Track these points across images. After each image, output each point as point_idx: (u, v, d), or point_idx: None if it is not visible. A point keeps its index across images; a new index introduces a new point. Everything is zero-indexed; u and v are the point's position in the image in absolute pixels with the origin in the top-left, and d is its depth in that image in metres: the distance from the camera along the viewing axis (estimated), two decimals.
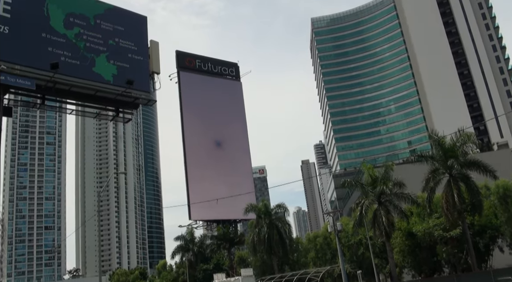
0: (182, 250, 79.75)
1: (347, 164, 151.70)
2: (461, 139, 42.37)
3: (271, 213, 66.22)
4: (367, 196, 48.00)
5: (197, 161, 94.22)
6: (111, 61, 32.19)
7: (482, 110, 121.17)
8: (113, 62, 32.07)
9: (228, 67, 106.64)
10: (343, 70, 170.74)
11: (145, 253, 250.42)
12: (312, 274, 55.76)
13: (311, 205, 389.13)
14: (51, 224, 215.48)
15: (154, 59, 34.75)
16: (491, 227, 44.80)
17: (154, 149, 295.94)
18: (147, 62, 34.12)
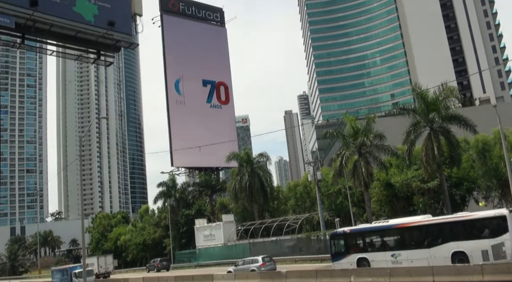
0: (164, 196, 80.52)
1: (330, 115, 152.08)
2: (443, 93, 42.61)
3: (253, 162, 66.91)
4: (348, 147, 48.58)
5: (180, 107, 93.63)
6: (92, 0, 31.17)
7: (467, 65, 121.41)
8: (94, 1, 31.00)
9: (213, 12, 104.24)
10: (330, 19, 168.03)
11: (127, 198, 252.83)
12: (292, 221, 57.06)
13: (293, 155, 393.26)
14: (32, 167, 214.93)
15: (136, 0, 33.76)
16: (468, 180, 45.96)
17: (137, 95, 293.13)
18: (129, 3, 33.08)
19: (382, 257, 30.99)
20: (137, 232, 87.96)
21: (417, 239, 30.52)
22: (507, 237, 25.43)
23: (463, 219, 28.53)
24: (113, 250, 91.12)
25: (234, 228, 64.17)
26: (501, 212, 26.99)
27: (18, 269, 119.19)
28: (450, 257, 27.59)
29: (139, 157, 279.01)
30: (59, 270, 57.21)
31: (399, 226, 31.56)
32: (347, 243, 34.10)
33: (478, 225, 27.98)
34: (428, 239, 29.44)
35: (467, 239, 27.37)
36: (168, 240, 75.31)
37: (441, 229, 29.51)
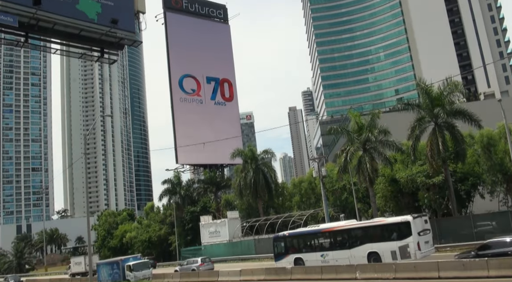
0: (169, 193, 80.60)
1: (334, 111, 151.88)
2: (448, 88, 42.41)
3: (257, 158, 66.91)
4: (352, 142, 48.46)
5: (184, 105, 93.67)
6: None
7: (471, 59, 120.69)
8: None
9: (216, 9, 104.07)
10: (334, 15, 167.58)
11: (132, 196, 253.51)
12: (296, 217, 57.08)
13: (297, 152, 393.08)
14: (38, 166, 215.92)
15: None
16: (473, 175, 45.74)
17: (141, 92, 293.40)
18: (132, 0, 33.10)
19: (313, 257, 35.46)
20: (143, 229, 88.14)
21: (341, 241, 34.76)
22: (411, 239, 30.10)
23: (376, 224, 33.39)
24: (119, 247, 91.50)
25: (239, 225, 64.27)
26: (406, 218, 31.46)
27: (24, 267, 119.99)
28: (366, 257, 31.99)
29: (144, 154, 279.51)
30: (107, 263, 48.53)
31: (326, 230, 36.12)
32: (286, 245, 38.65)
33: (388, 229, 32.49)
34: (349, 241, 33.84)
35: (380, 241, 31.89)
36: (173, 237, 75.47)
37: (359, 232, 33.99)
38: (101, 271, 46.84)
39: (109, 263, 46.89)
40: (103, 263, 49.42)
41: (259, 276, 34.18)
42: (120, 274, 42.72)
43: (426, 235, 31.61)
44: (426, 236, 31.54)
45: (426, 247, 30.77)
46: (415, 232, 30.40)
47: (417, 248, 29.96)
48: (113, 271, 44.08)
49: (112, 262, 46.24)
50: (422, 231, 31.26)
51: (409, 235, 30.37)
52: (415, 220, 31.00)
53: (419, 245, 30.09)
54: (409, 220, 31.00)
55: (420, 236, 30.79)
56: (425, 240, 31.15)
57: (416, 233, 30.42)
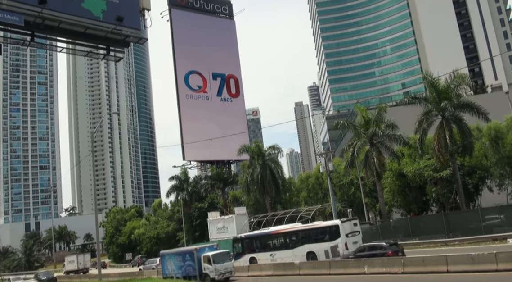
0: (176, 189, 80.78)
1: (341, 105, 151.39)
2: (455, 81, 42.20)
3: (264, 154, 66.86)
4: (359, 137, 48.39)
5: (190, 101, 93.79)
6: None
7: (478, 51, 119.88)
8: None
9: (221, 5, 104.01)
10: (339, 9, 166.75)
11: (140, 192, 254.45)
12: (304, 212, 57.01)
13: (304, 147, 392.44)
14: (46, 164, 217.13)
15: None
16: (481, 168, 45.59)
17: (147, 90, 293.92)
18: None
19: (264, 256, 39.99)
20: (151, 226, 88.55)
21: (285, 242, 39.54)
22: (340, 240, 34.72)
23: (312, 227, 38.31)
24: (127, 244, 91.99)
25: (247, 220, 64.28)
26: (335, 222, 36.62)
27: (33, 264, 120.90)
28: (306, 255, 36.62)
29: (151, 151, 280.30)
30: (175, 253, 39.17)
31: (274, 232, 41.19)
32: (243, 245, 43.51)
33: (322, 232, 37.15)
34: (292, 242, 38.72)
35: (315, 242, 36.54)
36: (181, 233, 75.72)
37: (299, 235, 38.64)
38: (167, 263, 38.73)
39: (179, 254, 38.40)
40: (170, 253, 40.02)
41: (267, 272, 34.27)
42: (195, 267, 34.86)
43: (354, 236, 35.94)
44: (354, 237, 35.84)
45: (355, 247, 33.94)
46: (343, 234, 34.97)
47: (345, 248, 34.24)
48: (184, 263, 36.44)
49: (183, 252, 38.18)
50: (350, 233, 35.74)
51: (338, 237, 34.96)
52: (343, 224, 35.67)
53: (347, 245, 34.45)
54: (338, 223, 35.85)
55: (348, 237, 35.23)
56: (353, 241, 35.39)
57: (344, 235, 34.97)
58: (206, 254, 34.71)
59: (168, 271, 38.10)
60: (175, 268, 37.30)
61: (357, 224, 37.50)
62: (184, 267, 36.32)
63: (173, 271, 37.41)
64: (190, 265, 35.63)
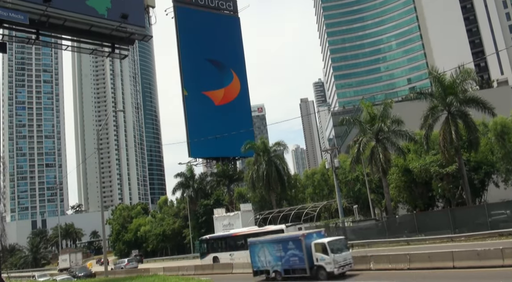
0: (182, 186, 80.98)
1: (346, 101, 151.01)
2: (461, 76, 41.96)
3: (269, 151, 66.88)
4: (365, 133, 48.28)
5: (195, 98, 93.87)
6: None
7: (484, 46, 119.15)
8: None
9: (226, 1, 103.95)
10: (344, 4, 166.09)
11: (146, 190, 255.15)
12: (310, 209, 57.09)
13: (310, 143, 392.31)
14: (51, 162, 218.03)
15: None
16: (487, 163, 45.41)
17: (152, 87, 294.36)
18: None
19: (225, 256, 44.18)
20: (157, 223, 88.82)
21: (241, 243, 42.23)
22: None
23: (262, 231, 41.50)
24: (134, 241, 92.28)
25: (252, 217, 64.26)
26: (281, 226, 41.02)
27: (40, 261, 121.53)
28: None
29: (157, 149, 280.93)
30: (274, 241, 30.91)
31: (233, 235, 45.71)
32: (207, 246, 47.98)
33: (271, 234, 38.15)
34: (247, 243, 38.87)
35: None
36: (187, 230, 75.94)
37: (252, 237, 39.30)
38: (260, 252, 31.21)
39: (277, 241, 30.50)
40: (263, 241, 31.95)
41: None
42: (304, 258, 27.68)
43: None
44: None
45: None
46: None
47: None
48: (285, 252, 29.16)
49: (284, 239, 30.29)
50: None
51: None
52: (288, 228, 40.28)
53: None
54: (283, 228, 40.35)
55: None
56: None
57: None
58: (319, 241, 27.80)
59: (262, 263, 30.87)
60: (272, 259, 30.11)
61: (301, 229, 41.36)
62: (285, 258, 29.08)
63: (269, 263, 30.29)
64: (295, 256, 28.52)
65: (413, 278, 23.71)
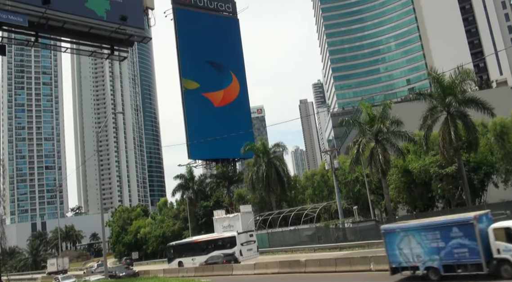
0: (182, 188, 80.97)
1: (345, 103, 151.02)
2: (460, 76, 42.00)
3: (269, 152, 66.88)
4: (364, 134, 48.27)
5: (195, 100, 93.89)
6: None
7: (483, 46, 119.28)
8: None
9: (225, 3, 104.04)
10: (343, 5, 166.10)
11: (146, 191, 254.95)
12: (309, 210, 57.05)
13: (309, 145, 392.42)
14: (51, 164, 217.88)
15: None
16: (486, 164, 45.41)
17: (152, 89, 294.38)
18: None
19: (188, 260, 48.86)
20: (157, 225, 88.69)
21: (201, 249, 48.44)
22: (236, 248, 44.43)
23: (218, 237, 48.61)
24: (133, 243, 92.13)
25: (252, 219, 64.34)
26: (233, 233, 46.60)
27: (40, 264, 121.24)
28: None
29: (156, 150, 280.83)
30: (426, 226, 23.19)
31: (194, 241, 52.23)
32: (174, 251, 53.00)
33: (225, 241, 46.54)
34: (206, 249, 47.78)
35: (221, 248, 45.75)
36: (187, 231, 75.86)
37: (210, 243, 48.34)
38: (403, 243, 23.54)
39: (431, 227, 22.70)
40: (409, 227, 23.87)
41: (273, 269, 34.33)
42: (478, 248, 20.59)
43: (249, 245, 46.05)
44: (249, 245, 45.93)
45: (249, 253, 45.00)
46: (239, 243, 44.79)
47: (239, 254, 43.96)
48: (446, 242, 21.73)
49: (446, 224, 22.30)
50: (245, 242, 45.59)
51: (235, 245, 44.67)
52: (239, 235, 45.52)
53: (241, 252, 44.43)
54: (235, 235, 45.59)
55: (243, 246, 45.02)
56: (248, 248, 45.46)
57: (239, 244, 44.79)
58: (503, 225, 21.00)
59: (405, 257, 23.39)
60: (423, 252, 22.64)
61: (253, 235, 47.70)
62: (446, 250, 21.86)
63: (418, 257, 22.90)
64: (463, 246, 21.33)
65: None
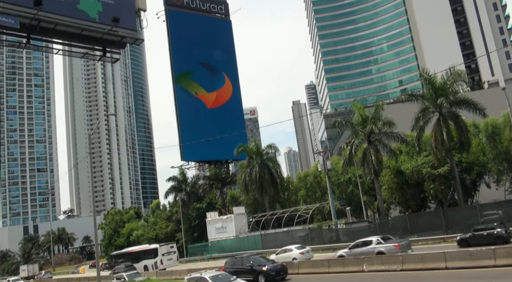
0: (175, 190, 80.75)
1: (338, 104, 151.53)
2: (451, 77, 42.19)
3: (262, 153, 66.85)
4: (357, 135, 48.39)
5: (188, 101, 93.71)
6: None
7: (474, 48, 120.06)
8: None
9: (217, 4, 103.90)
10: (336, 7, 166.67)
11: (138, 194, 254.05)
12: (302, 211, 57.10)
13: (302, 146, 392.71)
14: (43, 166, 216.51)
15: None
16: (478, 164, 45.64)
17: (144, 90, 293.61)
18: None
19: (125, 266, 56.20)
20: (149, 227, 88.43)
21: (133, 258, 57.38)
22: (158, 258, 54.45)
23: (145, 249, 58.12)
24: (126, 245, 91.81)
25: (245, 220, 64.35)
26: (156, 246, 56.77)
27: None
28: (143, 268, 54.03)
29: (149, 152, 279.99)
30: None
31: (129, 251, 61.95)
32: (115, 259, 63.05)
33: (149, 252, 56.22)
34: (137, 258, 57.13)
35: (147, 258, 55.73)
36: (180, 234, 75.67)
37: (140, 253, 57.66)
38: None
39: None
40: None
41: None
42: None
43: (170, 255, 55.93)
44: (169, 256, 55.85)
45: (169, 262, 54.74)
46: (160, 254, 54.62)
47: (160, 264, 53.68)
48: None
49: None
50: (166, 253, 55.34)
51: (157, 256, 54.41)
52: (161, 247, 55.63)
53: (162, 262, 53.95)
54: (157, 247, 55.81)
55: (164, 256, 54.77)
56: (168, 258, 55.26)
57: (160, 254, 54.53)
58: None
59: None
60: None
61: (173, 246, 58.01)
62: None
63: None
64: None
65: (406, 279, 23.78)
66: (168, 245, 56.49)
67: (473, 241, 30.59)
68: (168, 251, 55.81)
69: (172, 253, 56.03)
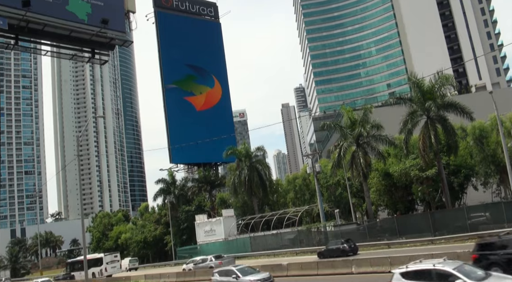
0: (163, 192, 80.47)
1: (327, 107, 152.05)
2: (439, 81, 42.60)
3: (251, 156, 66.93)
4: (345, 138, 48.66)
5: (177, 104, 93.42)
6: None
7: (462, 52, 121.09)
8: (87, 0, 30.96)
9: (207, 7, 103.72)
10: (325, 10, 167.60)
11: (127, 196, 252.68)
12: (291, 213, 57.21)
13: (291, 148, 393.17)
14: (31, 169, 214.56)
15: None
16: (465, 167, 46.06)
17: (133, 93, 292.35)
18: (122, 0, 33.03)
19: (77, 274, 59.74)
20: (138, 230, 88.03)
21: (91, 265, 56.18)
22: (103, 266, 58.81)
23: (93, 258, 60.87)
24: (114, 248, 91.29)
25: (235, 223, 64.29)
26: (101, 255, 61.84)
27: (19, 271, 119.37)
28: (92, 275, 55.73)
29: (137, 155, 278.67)
30: None
31: (80, 260, 62.78)
32: (70, 266, 66.80)
33: (97, 260, 59.88)
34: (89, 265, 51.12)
35: (95, 266, 58.50)
36: (169, 236, 75.42)
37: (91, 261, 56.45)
38: None
39: None
40: None
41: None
42: None
43: (113, 263, 60.50)
44: (113, 264, 60.47)
45: (112, 270, 59.45)
46: (105, 262, 59.20)
47: (105, 271, 58.21)
48: None
49: None
50: (110, 262, 59.87)
51: (102, 264, 59.04)
52: (105, 256, 60.31)
53: (106, 269, 58.74)
54: (102, 256, 60.60)
55: (108, 264, 59.31)
56: (112, 266, 59.93)
57: (105, 263, 59.09)
58: None
59: None
60: None
61: (117, 256, 63.00)
62: None
63: None
64: None
65: None
66: (112, 255, 62.42)
67: (327, 254, 38.96)
68: (112, 260, 61.11)
69: (115, 262, 61.67)
